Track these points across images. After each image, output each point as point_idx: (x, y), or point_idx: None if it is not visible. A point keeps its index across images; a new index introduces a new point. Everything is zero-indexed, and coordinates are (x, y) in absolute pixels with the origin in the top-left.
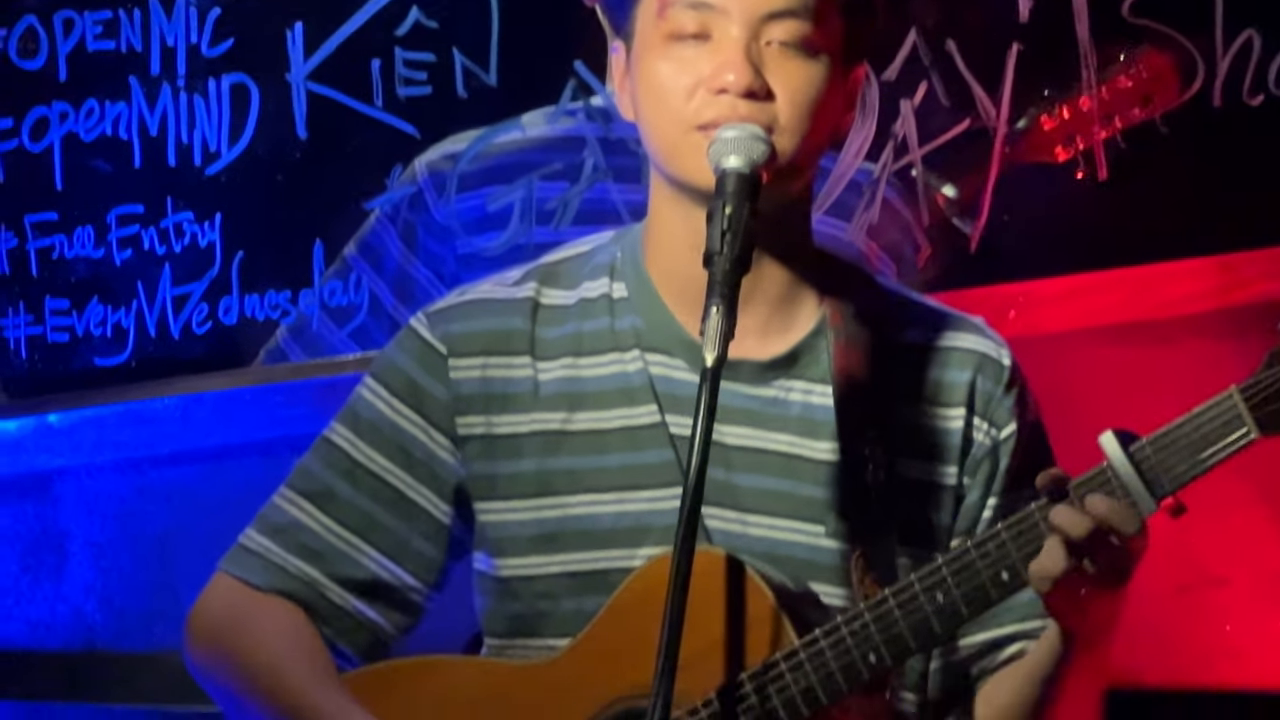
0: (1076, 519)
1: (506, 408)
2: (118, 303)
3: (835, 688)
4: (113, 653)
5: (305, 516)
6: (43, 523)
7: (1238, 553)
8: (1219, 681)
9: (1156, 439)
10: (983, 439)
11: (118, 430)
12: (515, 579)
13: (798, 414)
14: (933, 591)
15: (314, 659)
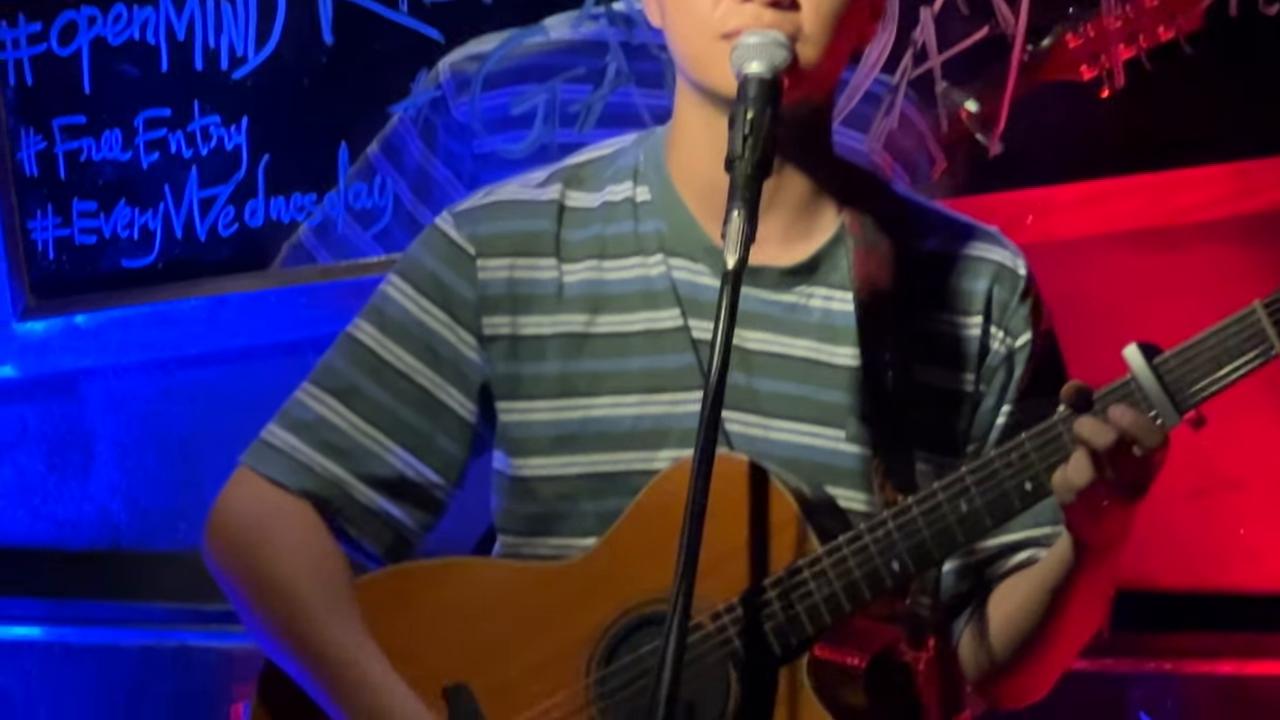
0: (1101, 430)
1: (531, 309)
2: (145, 205)
3: (859, 594)
4: (137, 551)
5: (331, 414)
6: (69, 423)
7: (1252, 457)
8: (1235, 584)
9: (1180, 352)
10: (998, 347)
11: (144, 331)
12: (535, 479)
13: (818, 320)
14: (956, 500)
15: (333, 582)
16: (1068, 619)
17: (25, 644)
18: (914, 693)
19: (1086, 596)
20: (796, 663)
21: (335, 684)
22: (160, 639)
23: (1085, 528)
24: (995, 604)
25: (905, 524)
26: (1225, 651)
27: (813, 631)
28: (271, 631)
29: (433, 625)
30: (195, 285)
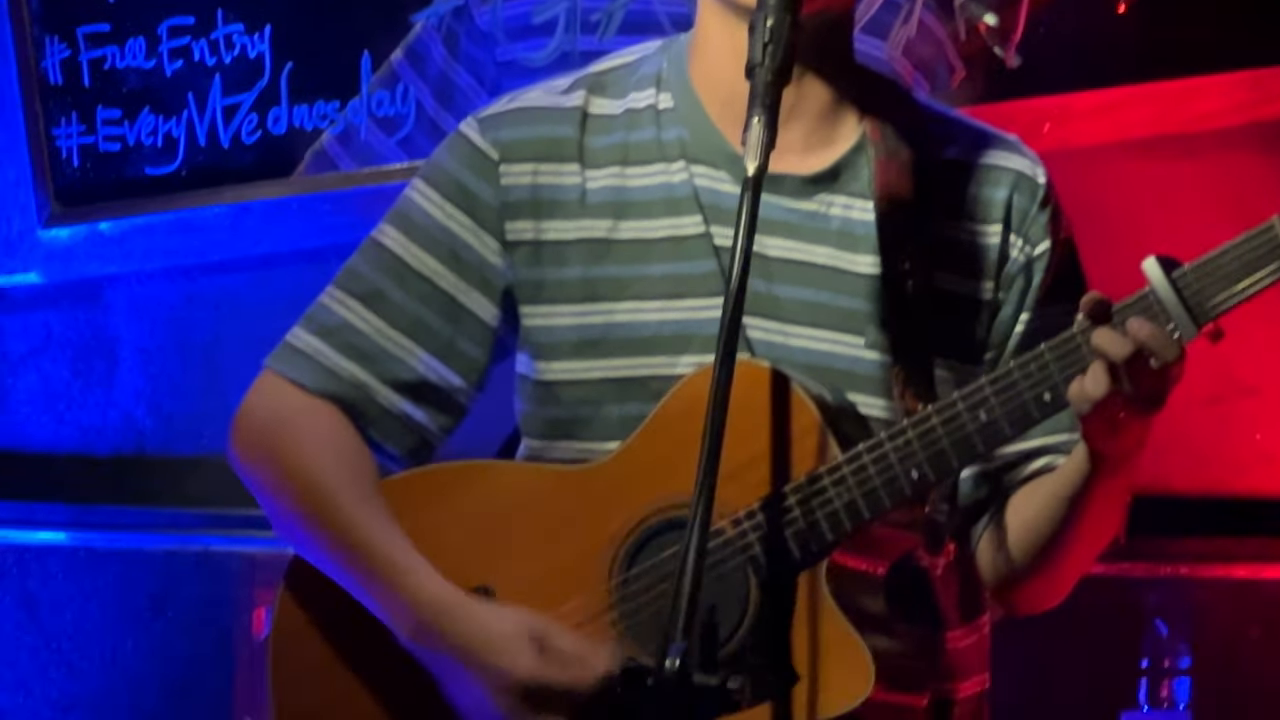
0: (1119, 342)
1: (555, 214)
2: (169, 113)
3: (878, 502)
4: (161, 456)
5: (355, 318)
6: (93, 329)
7: (1269, 363)
8: (1250, 489)
9: (1198, 266)
10: (1018, 255)
11: (168, 238)
12: (558, 383)
13: (838, 227)
14: (976, 410)
15: (360, 476)
16: (1083, 527)
17: (50, 549)
18: (932, 598)
19: (1102, 505)
20: (816, 569)
21: (366, 573)
22: (184, 543)
23: (1101, 439)
24: (1013, 510)
25: (925, 433)
26: (1240, 556)
27: (833, 538)
28: (300, 525)
29: (456, 527)
30: (219, 192)
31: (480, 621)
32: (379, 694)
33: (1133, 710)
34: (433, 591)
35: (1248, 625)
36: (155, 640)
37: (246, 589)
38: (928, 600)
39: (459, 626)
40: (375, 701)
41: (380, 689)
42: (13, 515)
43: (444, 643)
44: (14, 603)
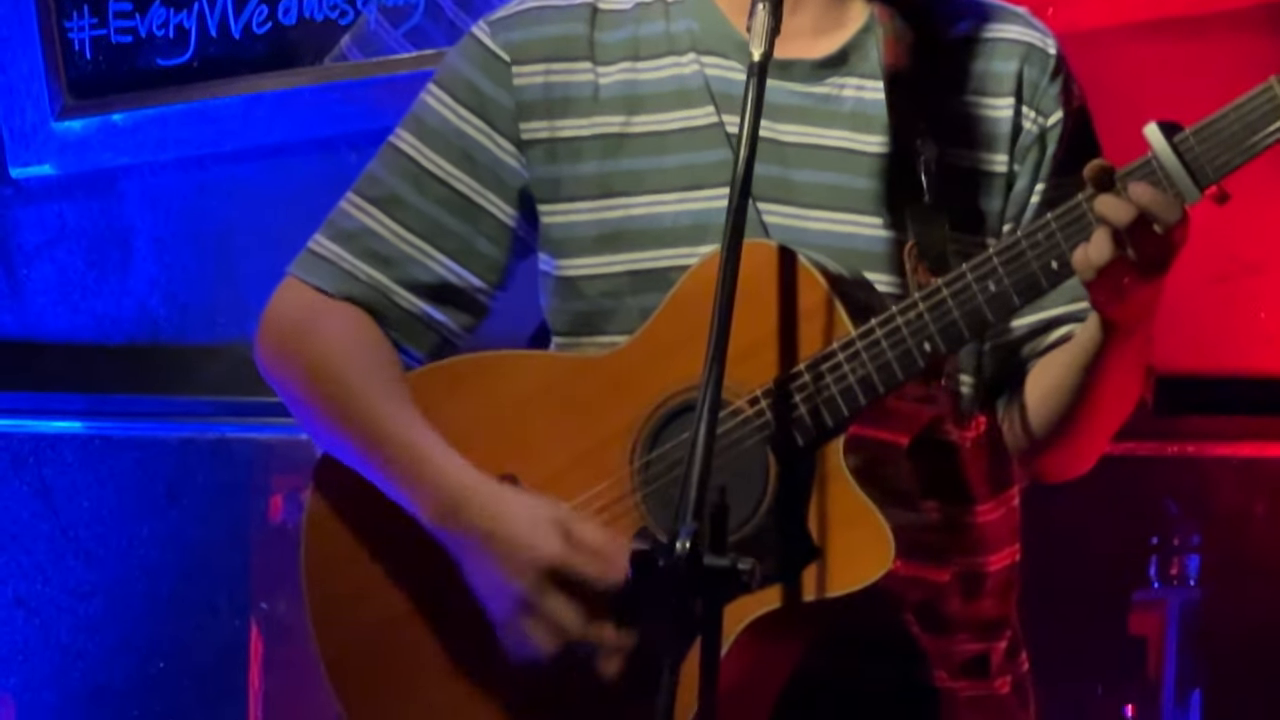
0: (1121, 207)
1: (568, 112)
2: (180, 4)
3: (891, 375)
4: (176, 345)
5: (374, 223)
6: (108, 219)
7: (1272, 242)
8: (1254, 368)
9: (1199, 129)
10: (1030, 126)
11: (180, 128)
12: (580, 278)
13: (850, 109)
14: (985, 280)
15: (383, 369)
16: (1101, 394)
17: (66, 437)
18: (960, 470)
19: (1118, 372)
20: (833, 444)
21: (391, 461)
22: (199, 431)
23: (1109, 306)
24: (1034, 380)
25: (936, 305)
26: (1245, 434)
27: (848, 412)
28: (327, 422)
29: (479, 417)
30: (230, 83)
31: (507, 505)
32: (407, 582)
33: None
34: (458, 476)
35: (1253, 502)
36: (171, 527)
37: (261, 476)
38: (954, 474)
39: (486, 509)
40: (403, 590)
41: (408, 577)
42: (29, 405)
43: (468, 525)
44: (30, 492)
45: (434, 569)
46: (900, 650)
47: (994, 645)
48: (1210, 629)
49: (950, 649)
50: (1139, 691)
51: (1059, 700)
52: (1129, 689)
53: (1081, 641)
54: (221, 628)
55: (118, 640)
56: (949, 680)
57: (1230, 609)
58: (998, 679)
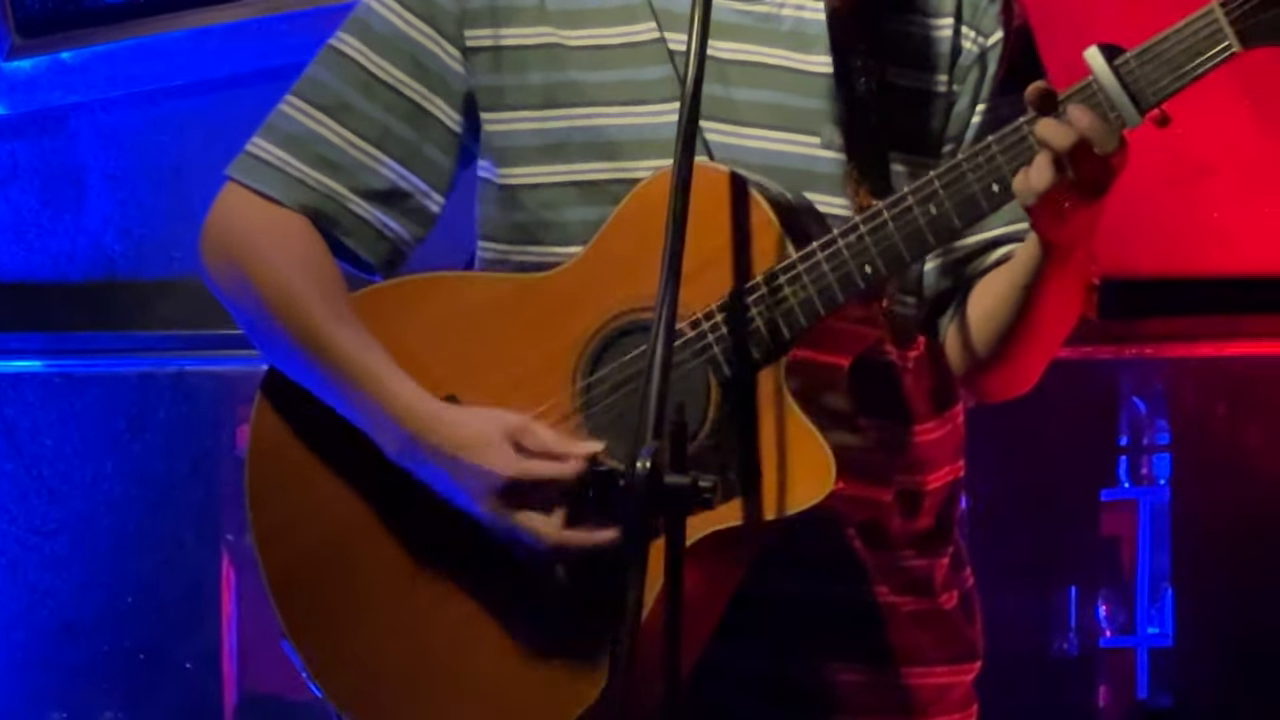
0: (1061, 131)
1: (514, 21)
2: None
3: (832, 298)
4: (133, 281)
5: (322, 129)
6: (60, 157)
7: (1223, 143)
8: (1212, 268)
9: (1141, 53)
10: (970, 46)
11: (129, 64)
12: (522, 187)
13: (790, 28)
14: (926, 203)
15: (332, 293)
16: (1041, 313)
17: (27, 375)
18: (902, 390)
19: (1057, 292)
20: (775, 366)
21: (348, 388)
22: (158, 366)
23: (1049, 228)
24: (975, 300)
25: (876, 228)
26: (1204, 334)
27: (789, 335)
28: (276, 336)
29: (423, 338)
30: (178, 17)
31: (459, 427)
32: (349, 503)
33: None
34: (411, 403)
35: (1215, 402)
36: (134, 462)
37: (221, 408)
38: (896, 394)
39: (440, 434)
40: (346, 510)
41: (350, 498)
42: None
43: (428, 454)
44: None
45: (375, 489)
46: (843, 568)
47: (937, 561)
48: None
49: (893, 565)
50: (1112, 590)
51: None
52: (1102, 591)
53: (1055, 543)
54: (188, 560)
55: (85, 576)
56: (892, 595)
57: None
58: (942, 594)
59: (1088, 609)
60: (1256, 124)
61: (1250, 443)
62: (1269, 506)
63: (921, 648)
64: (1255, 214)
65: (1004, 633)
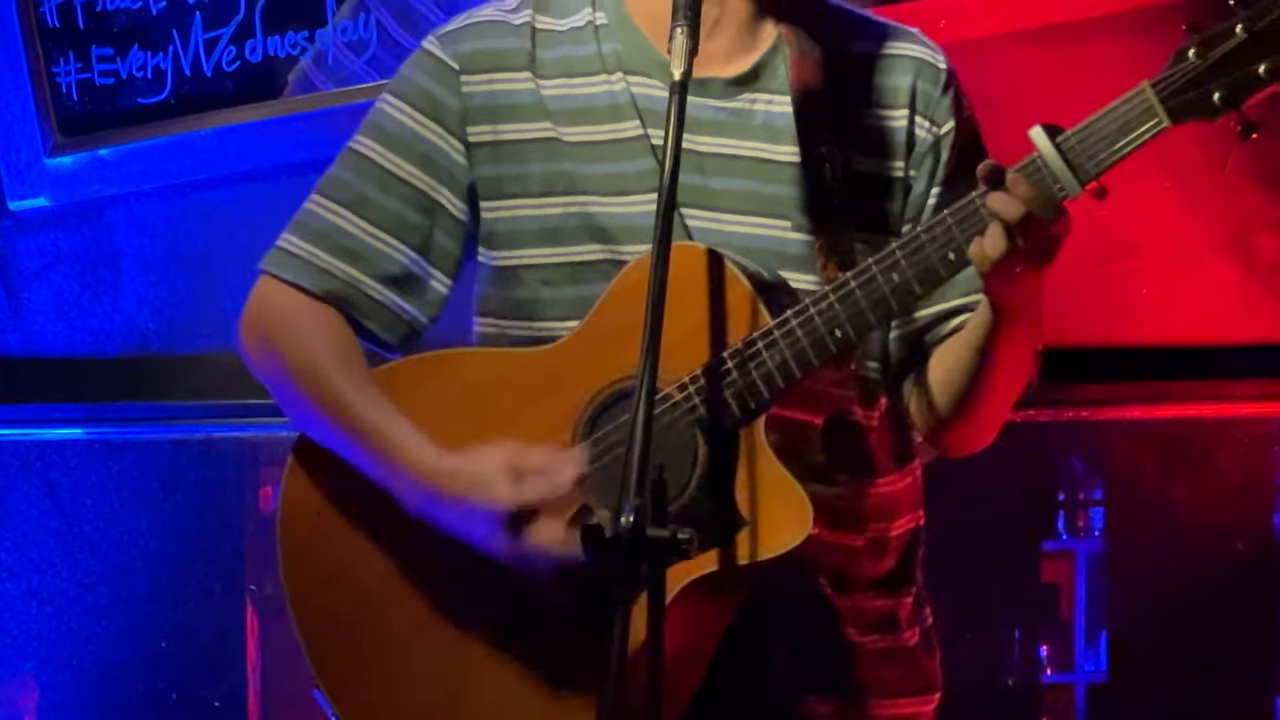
0: (1010, 204)
1: (513, 117)
2: (156, 48)
3: (807, 360)
4: (165, 356)
5: (344, 222)
6: (99, 245)
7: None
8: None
9: (1079, 130)
10: (925, 135)
11: (162, 160)
12: (521, 267)
13: (762, 122)
14: (889, 272)
15: (353, 365)
16: (994, 374)
17: (69, 443)
18: (867, 448)
19: (1009, 353)
20: (755, 424)
21: (363, 441)
22: (189, 433)
23: (1001, 293)
24: (934, 365)
25: (845, 296)
26: (1134, 399)
27: (768, 395)
28: (310, 413)
29: (436, 410)
30: (205, 117)
31: (461, 473)
32: (381, 559)
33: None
34: (422, 458)
35: (1144, 460)
36: (167, 520)
37: (246, 471)
38: (862, 450)
39: (448, 483)
40: (378, 566)
41: (382, 554)
42: (35, 415)
43: (442, 504)
44: (39, 493)
45: (401, 546)
46: (815, 610)
47: (901, 600)
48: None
49: (860, 606)
50: (1052, 634)
51: (979, 644)
52: (1043, 632)
53: (999, 590)
54: (217, 609)
55: (123, 624)
56: (859, 636)
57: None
58: (906, 631)
59: (1030, 648)
60: (1180, 208)
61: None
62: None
63: (887, 681)
64: (1180, 289)
65: (956, 668)
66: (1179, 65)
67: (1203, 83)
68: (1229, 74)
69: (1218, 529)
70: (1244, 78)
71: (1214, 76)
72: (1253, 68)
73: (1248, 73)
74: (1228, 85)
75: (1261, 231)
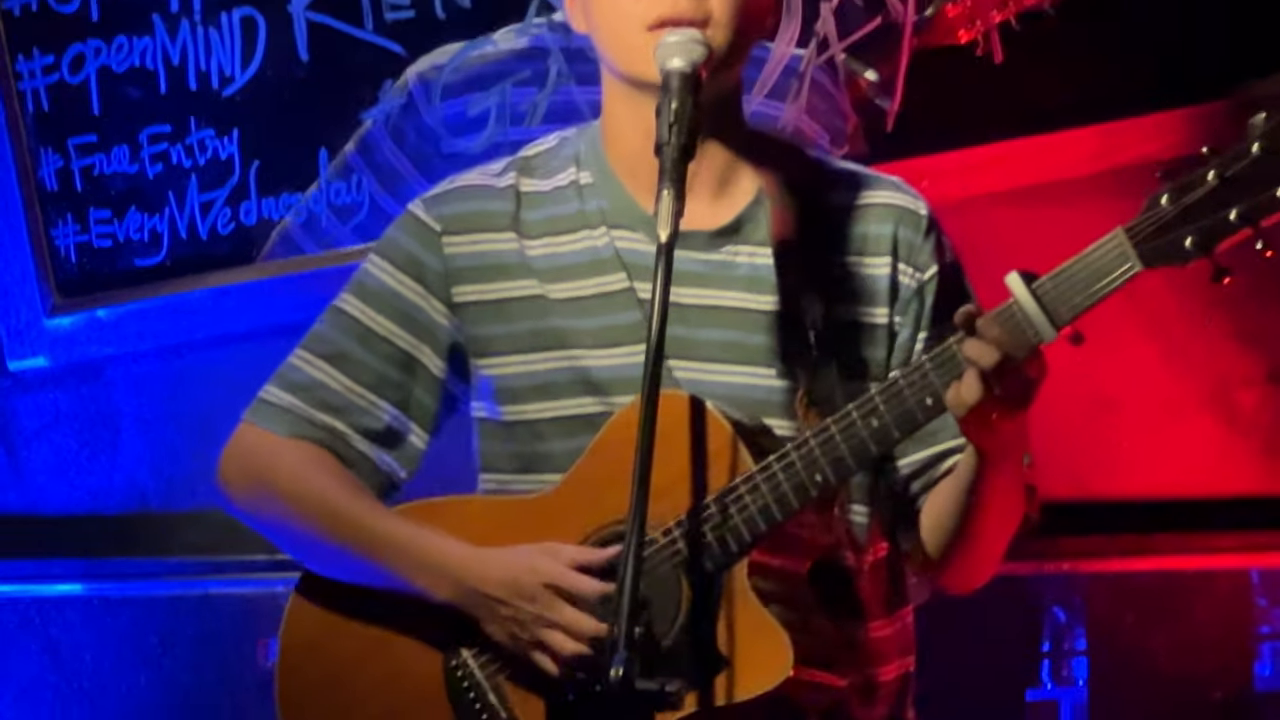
0: (986, 351)
1: (499, 277)
2: (153, 210)
3: (788, 505)
4: (163, 513)
5: (325, 376)
6: (98, 404)
7: (1129, 382)
8: (1122, 492)
9: (1054, 275)
10: (909, 281)
11: (158, 321)
12: (515, 423)
13: (744, 273)
14: (868, 418)
15: (353, 484)
16: (986, 514)
17: (69, 599)
18: (856, 592)
19: (997, 495)
20: (738, 567)
21: (391, 556)
22: (186, 589)
23: (980, 438)
24: (928, 507)
25: (825, 441)
26: (1116, 552)
27: (750, 539)
28: (306, 533)
29: None
30: (201, 279)
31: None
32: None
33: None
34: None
35: (1126, 612)
36: (165, 675)
37: (243, 626)
38: (852, 594)
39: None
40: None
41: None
42: (34, 571)
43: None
44: (39, 649)
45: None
46: None
47: None
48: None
49: None
50: None
51: None
52: None
53: None
54: None
55: None
56: None
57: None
58: None
59: None
60: (1160, 363)
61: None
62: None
63: None
64: (1160, 443)
65: None
66: (1152, 211)
67: (1175, 228)
68: (1201, 219)
69: (1198, 678)
70: (1215, 223)
71: (1186, 222)
72: (1224, 213)
73: (1219, 218)
74: (1200, 230)
75: (1241, 387)
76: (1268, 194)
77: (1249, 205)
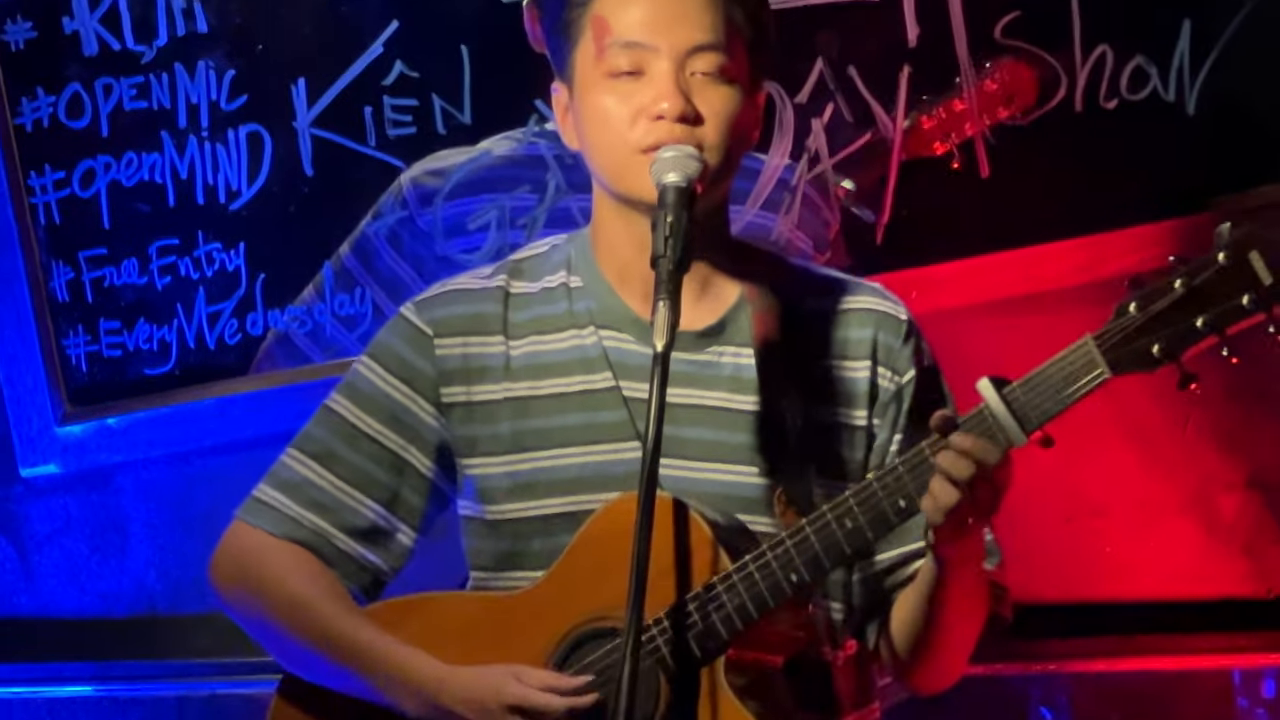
0: (960, 462)
1: (484, 379)
2: (161, 321)
3: (763, 603)
4: (171, 616)
5: (313, 474)
6: (107, 510)
7: (1113, 487)
8: (1106, 595)
9: (1025, 382)
10: (887, 384)
11: (167, 429)
12: (499, 521)
13: (729, 374)
14: (842, 519)
15: (334, 591)
16: (949, 617)
17: (79, 700)
18: (831, 688)
19: (958, 599)
20: (715, 665)
21: (356, 659)
22: (194, 690)
23: (948, 543)
24: (896, 609)
25: (800, 541)
26: (1100, 653)
27: (727, 637)
28: (287, 638)
29: (419, 643)
30: (208, 388)
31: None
32: None
33: None
34: (422, 667)
35: (1110, 711)
36: None
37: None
38: (827, 690)
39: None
40: None
41: None
42: (45, 674)
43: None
44: None
45: None
46: None
47: None
48: None
49: None
50: None
51: None
52: None
53: None
54: None
55: None
56: None
57: None
58: None
59: None
60: (1141, 468)
61: None
62: None
63: None
64: (1142, 548)
65: None
66: (1120, 319)
67: (1142, 335)
68: (1168, 327)
69: None
70: (1182, 330)
71: (1153, 329)
72: (1191, 320)
73: (1186, 326)
74: (1167, 338)
75: (1220, 492)
76: (1233, 303)
77: (1215, 313)
